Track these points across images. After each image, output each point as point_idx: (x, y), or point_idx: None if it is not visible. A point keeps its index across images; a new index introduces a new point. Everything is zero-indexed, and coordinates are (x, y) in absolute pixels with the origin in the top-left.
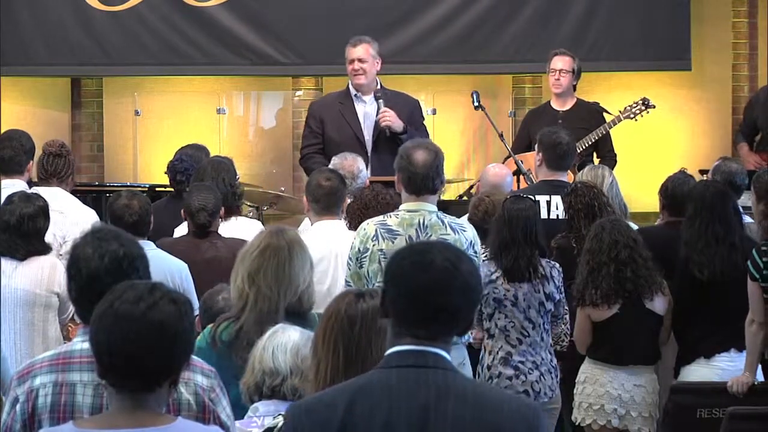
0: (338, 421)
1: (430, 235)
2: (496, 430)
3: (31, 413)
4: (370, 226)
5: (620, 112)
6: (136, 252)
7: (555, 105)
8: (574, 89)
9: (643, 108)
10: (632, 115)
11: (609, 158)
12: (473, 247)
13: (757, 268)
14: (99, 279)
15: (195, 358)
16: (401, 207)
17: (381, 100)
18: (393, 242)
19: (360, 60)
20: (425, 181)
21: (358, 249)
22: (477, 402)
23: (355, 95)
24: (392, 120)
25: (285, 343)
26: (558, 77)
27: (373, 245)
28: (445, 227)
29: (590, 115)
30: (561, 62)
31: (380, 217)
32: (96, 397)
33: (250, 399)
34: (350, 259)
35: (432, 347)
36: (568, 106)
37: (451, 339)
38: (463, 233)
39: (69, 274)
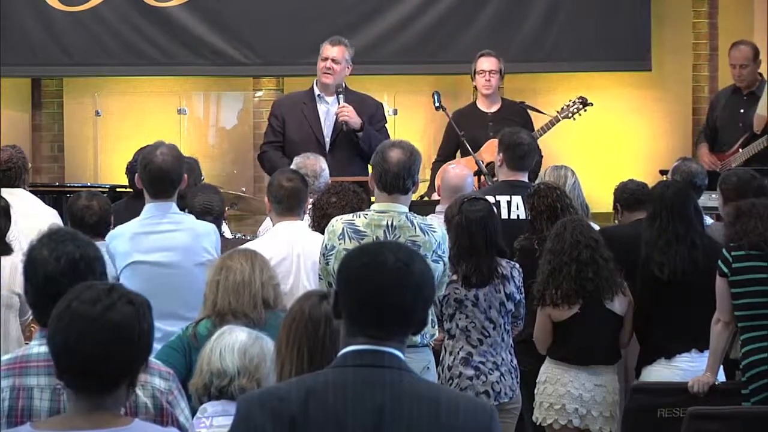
0: (290, 416)
1: (399, 237)
2: (450, 431)
3: None
4: (338, 223)
5: (558, 112)
6: (92, 254)
7: (482, 107)
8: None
9: (581, 107)
10: (570, 115)
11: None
12: (440, 247)
13: (727, 263)
14: (56, 281)
15: (153, 361)
16: (372, 207)
17: (341, 95)
18: (360, 243)
19: (333, 60)
20: (396, 179)
21: (326, 245)
22: (432, 403)
23: (319, 95)
24: (350, 115)
25: (232, 344)
26: (488, 78)
27: (339, 243)
28: (415, 228)
29: (518, 115)
30: (489, 63)
31: (349, 216)
32: (53, 401)
33: (199, 400)
34: (321, 254)
35: (386, 347)
36: (495, 108)
37: (406, 338)
38: (433, 234)
39: (26, 277)
